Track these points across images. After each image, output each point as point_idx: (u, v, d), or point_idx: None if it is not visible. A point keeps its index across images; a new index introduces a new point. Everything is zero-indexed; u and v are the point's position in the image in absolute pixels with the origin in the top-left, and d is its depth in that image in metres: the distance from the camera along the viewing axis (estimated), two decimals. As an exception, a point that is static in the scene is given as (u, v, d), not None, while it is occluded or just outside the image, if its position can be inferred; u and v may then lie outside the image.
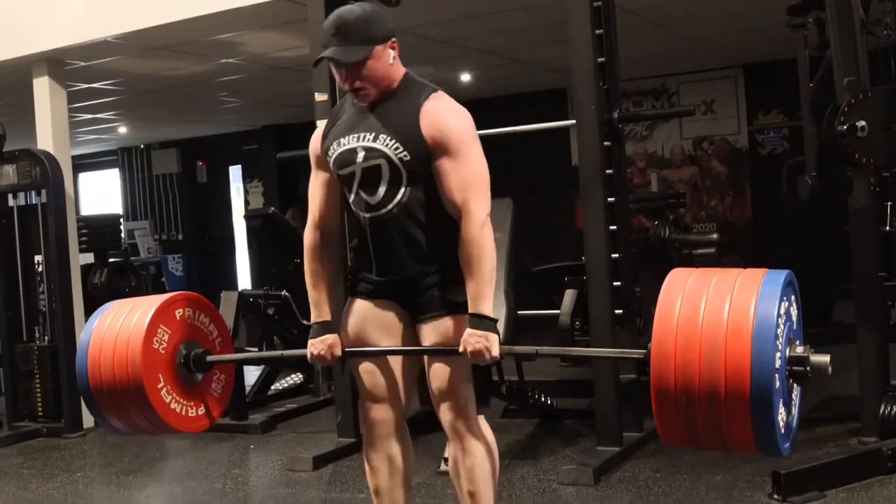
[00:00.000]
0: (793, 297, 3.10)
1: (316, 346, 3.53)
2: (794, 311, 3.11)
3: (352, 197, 3.48)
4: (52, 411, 7.32)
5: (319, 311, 3.56)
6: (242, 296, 7.37)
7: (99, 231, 8.40)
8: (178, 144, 14.11)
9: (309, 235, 3.60)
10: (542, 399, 6.38)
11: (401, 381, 3.62)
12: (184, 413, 3.99)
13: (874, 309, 5.35)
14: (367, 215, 3.43)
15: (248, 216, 10.40)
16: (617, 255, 5.61)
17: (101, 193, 15.22)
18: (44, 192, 7.32)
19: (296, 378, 8.37)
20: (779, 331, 2.90)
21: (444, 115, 3.33)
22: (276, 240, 8.45)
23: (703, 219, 10.60)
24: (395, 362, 3.61)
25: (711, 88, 10.58)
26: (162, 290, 13.24)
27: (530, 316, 6.48)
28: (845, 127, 4.67)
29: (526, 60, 9.38)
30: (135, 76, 8.83)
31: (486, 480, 3.49)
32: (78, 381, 3.98)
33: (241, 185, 13.94)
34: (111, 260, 8.58)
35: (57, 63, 7.62)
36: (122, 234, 9.27)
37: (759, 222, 10.44)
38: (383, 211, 3.40)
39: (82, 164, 14.42)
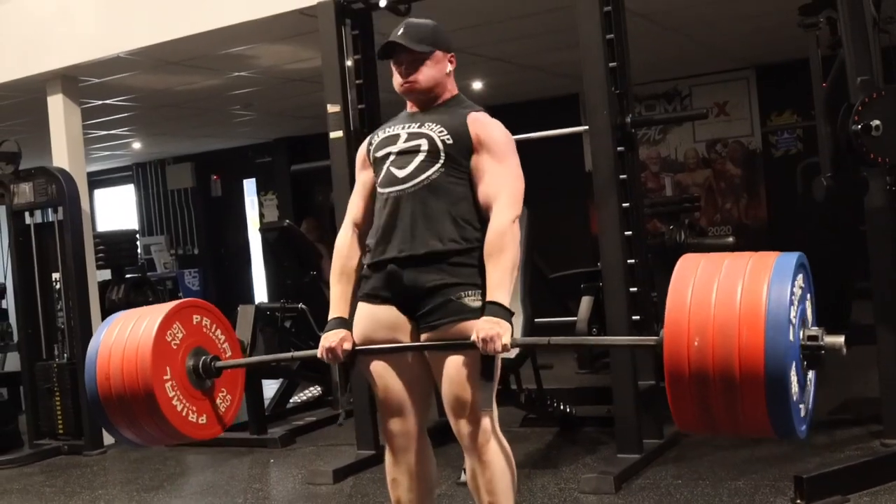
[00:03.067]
0: (804, 279, 3.07)
1: (329, 338, 3.55)
2: (807, 293, 3.08)
3: (380, 177, 3.55)
4: (72, 429, 7.33)
5: (338, 306, 3.61)
6: (259, 309, 7.38)
7: (115, 247, 8.43)
8: (192, 159, 14.15)
9: (344, 232, 3.68)
10: (561, 407, 6.37)
11: (416, 392, 3.63)
12: (185, 415, 3.96)
13: (892, 309, 5.32)
14: (392, 190, 3.50)
15: (264, 229, 10.41)
16: (633, 261, 5.60)
17: (116, 209, 15.27)
18: (60, 209, 7.34)
19: (314, 391, 8.38)
20: (791, 314, 2.88)
21: (490, 125, 3.52)
22: (291, 252, 8.46)
23: (718, 221, 10.57)
24: (409, 372, 3.61)
25: (724, 90, 10.55)
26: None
27: (547, 323, 6.47)
28: (860, 126, 4.65)
29: (537, 66, 9.37)
30: (148, 91, 8.86)
31: (507, 491, 3.49)
32: (87, 387, 3.98)
33: (255, 197, 13.96)
34: (128, 276, 8.61)
35: (71, 80, 7.65)
36: (139, 250, 9.27)
37: (774, 224, 10.40)
38: (409, 185, 3.46)
39: (97, 180, 14.45)
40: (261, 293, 13.79)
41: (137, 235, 9.08)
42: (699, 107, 10.07)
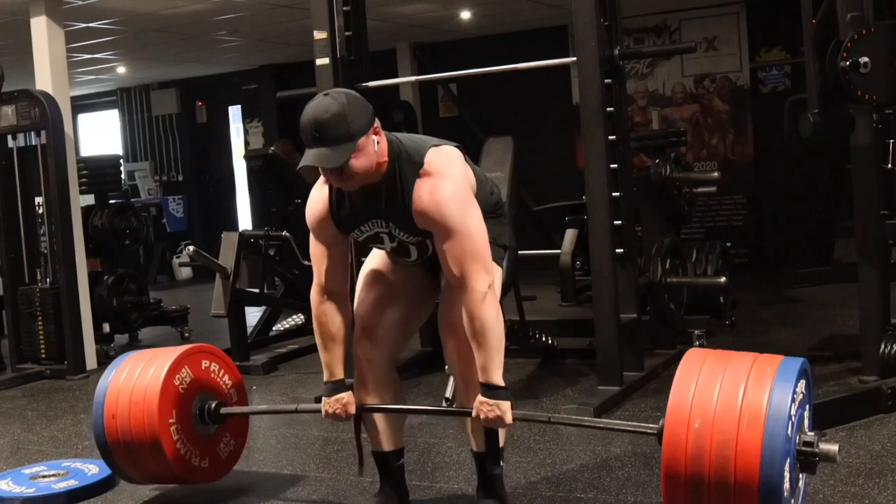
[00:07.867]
0: (804, 384, 3.13)
1: (331, 404, 3.66)
2: (805, 398, 3.14)
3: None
4: (54, 353, 7.34)
5: (331, 370, 3.65)
6: (243, 236, 7.34)
7: (99, 172, 8.37)
8: (178, 84, 14.03)
9: (316, 298, 3.60)
10: (543, 339, 6.40)
11: (403, 322, 3.72)
12: (188, 458, 4.06)
13: (875, 247, 5.34)
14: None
15: (249, 157, 10.34)
16: (618, 194, 5.60)
17: (100, 134, 15.16)
18: (43, 133, 7.27)
19: (297, 319, 8.38)
20: (790, 425, 2.93)
21: (431, 205, 3.30)
22: (276, 180, 8.42)
23: (704, 157, 10.56)
24: (407, 299, 3.70)
25: (713, 25, 10.48)
26: (163, 232, 13.25)
27: (531, 255, 6.47)
28: (848, 63, 4.63)
29: (526, -3, 9.28)
30: (133, 15, 8.75)
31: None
32: (93, 424, 4.09)
33: (240, 125, 13.87)
34: (112, 201, 8.56)
35: (54, 2, 7.52)
36: (123, 176, 9.22)
37: (760, 161, 10.40)
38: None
39: (81, 104, 14.34)
40: (245, 221, 13.77)
41: (121, 161, 9.01)
42: (688, 41, 10.00)
